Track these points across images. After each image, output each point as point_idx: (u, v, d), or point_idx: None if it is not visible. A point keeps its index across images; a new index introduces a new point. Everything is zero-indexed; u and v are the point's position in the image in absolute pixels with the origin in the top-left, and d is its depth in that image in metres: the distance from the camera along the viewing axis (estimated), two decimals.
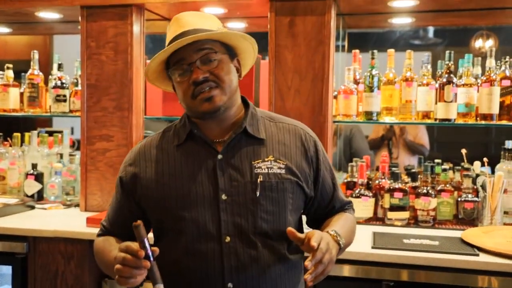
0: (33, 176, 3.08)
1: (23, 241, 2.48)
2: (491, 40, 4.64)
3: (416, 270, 2.13)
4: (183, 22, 1.51)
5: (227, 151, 1.51)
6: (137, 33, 2.82)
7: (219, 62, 1.48)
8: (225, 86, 1.48)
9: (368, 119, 2.68)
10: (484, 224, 2.49)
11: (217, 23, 1.55)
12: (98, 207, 2.86)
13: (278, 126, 1.59)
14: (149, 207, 1.55)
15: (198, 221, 1.47)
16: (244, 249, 1.46)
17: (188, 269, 1.49)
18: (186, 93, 1.48)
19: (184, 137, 1.55)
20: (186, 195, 1.49)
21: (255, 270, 1.46)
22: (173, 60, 1.49)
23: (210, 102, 1.46)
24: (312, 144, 1.59)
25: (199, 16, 1.55)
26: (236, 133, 1.52)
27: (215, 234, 1.46)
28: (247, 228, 1.46)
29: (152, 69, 1.55)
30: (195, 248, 1.47)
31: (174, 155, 1.55)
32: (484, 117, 2.56)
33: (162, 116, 2.96)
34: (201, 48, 1.47)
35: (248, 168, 1.49)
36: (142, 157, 1.58)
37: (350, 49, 3.08)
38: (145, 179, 1.55)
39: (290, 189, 1.51)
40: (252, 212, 1.47)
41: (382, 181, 2.68)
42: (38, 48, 3.30)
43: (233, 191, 1.48)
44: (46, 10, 3.04)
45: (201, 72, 1.45)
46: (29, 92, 3.16)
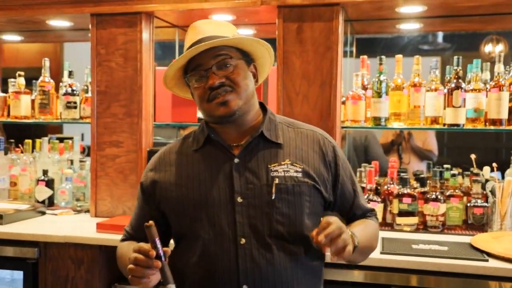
0: (44, 182, 3.11)
1: (34, 247, 2.51)
2: (501, 44, 4.62)
3: (425, 275, 2.12)
4: (199, 30, 1.55)
5: (244, 155, 1.53)
6: (146, 40, 2.85)
7: (235, 68, 1.51)
8: (240, 91, 1.51)
9: (377, 125, 2.68)
10: (494, 230, 2.47)
11: (232, 30, 1.58)
12: (108, 213, 2.88)
13: (296, 131, 1.61)
14: (168, 209, 1.59)
15: (214, 223, 1.50)
16: (259, 251, 1.47)
17: (204, 270, 1.51)
18: (203, 98, 1.51)
19: (202, 141, 1.59)
20: (203, 197, 1.52)
21: (270, 273, 1.47)
22: (190, 66, 1.53)
23: (226, 106, 1.49)
24: (331, 149, 1.60)
25: (215, 23, 1.58)
26: (253, 137, 1.54)
27: (230, 236, 1.48)
28: (263, 230, 1.48)
29: (170, 76, 1.59)
30: (211, 249, 1.50)
31: (192, 159, 1.58)
32: (493, 122, 2.55)
33: (171, 122, 2.98)
34: (217, 54, 1.50)
35: (265, 171, 1.51)
36: (162, 162, 1.63)
37: (358, 55, 3.09)
38: (164, 182, 1.59)
39: (307, 192, 1.52)
40: (267, 215, 1.48)
41: (391, 186, 2.68)
42: (49, 56, 3.35)
43: (249, 194, 1.50)
44: (56, 18, 3.08)
45: (217, 77, 1.49)
46: (40, 99, 3.19)
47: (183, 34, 3.52)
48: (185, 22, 3.30)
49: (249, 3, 2.65)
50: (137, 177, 2.84)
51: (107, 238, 2.47)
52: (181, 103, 2.89)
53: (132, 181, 2.85)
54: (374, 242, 1.66)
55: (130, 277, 1.37)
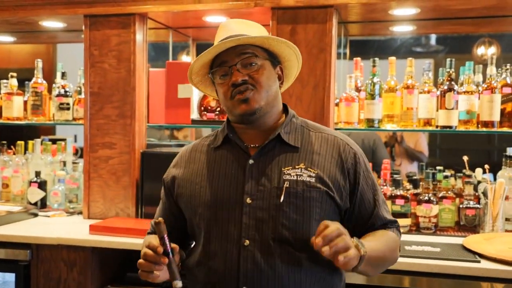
0: (36, 183, 3.09)
1: (26, 249, 2.50)
2: (493, 47, 4.65)
3: (418, 276, 2.13)
4: (228, 29, 1.55)
5: (259, 156, 1.53)
6: (139, 42, 2.84)
7: (260, 67, 1.51)
8: (262, 91, 1.50)
9: (370, 127, 2.69)
10: (486, 231, 2.49)
11: (262, 31, 1.59)
12: (101, 215, 2.87)
13: (317, 135, 1.58)
14: (183, 206, 1.61)
15: (221, 222, 1.51)
16: (262, 254, 1.46)
17: (206, 268, 1.52)
18: (226, 95, 1.51)
19: (221, 140, 1.59)
20: (213, 196, 1.53)
21: (271, 277, 1.46)
22: (216, 63, 1.54)
23: (247, 104, 1.48)
24: (351, 156, 1.55)
25: (244, 23, 1.59)
26: (270, 139, 1.53)
27: (235, 237, 1.48)
28: (267, 233, 1.46)
29: (195, 71, 1.59)
30: (216, 249, 1.50)
31: (209, 156, 1.60)
32: (485, 124, 2.57)
33: (164, 124, 2.98)
34: (243, 52, 1.50)
35: (277, 174, 1.50)
36: (183, 159, 1.66)
37: (352, 57, 3.10)
38: (182, 179, 1.62)
39: (318, 198, 1.49)
40: (274, 218, 1.47)
41: (384, 188, 2.69)
42: (41, 57, 3.33)
43: (258, 195, 1.49)
44: (49, 19, 3.07)
45: (240, 75, 1.48)
46: (32, 100, 3.18)
47: (176, 35, 3.52)
48: (178, 24, 3.30)
49: (242, 5, 2.65)
50: (130, 179, 2.84)
51: (99, 240, 2.46)
52: (174, 104, 2.89)
53: (125, 182, 2.84)
54: (391, 253, 1.58)
55: (140, 271, 1.43)
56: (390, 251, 1.58)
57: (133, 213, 2.84)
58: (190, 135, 4.10)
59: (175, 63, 2.98)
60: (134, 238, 2.42)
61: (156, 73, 2.96)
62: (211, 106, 2.85)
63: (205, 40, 3.77)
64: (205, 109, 2.86)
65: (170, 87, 2.90)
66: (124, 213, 2.85)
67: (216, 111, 2.84)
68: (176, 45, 3.74)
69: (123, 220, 2.73)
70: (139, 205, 2.83)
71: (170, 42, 3.49)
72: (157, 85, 2.95)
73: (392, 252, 1.59)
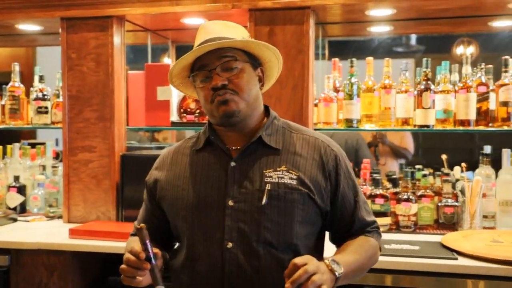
0: (15, 188, 3.06)
1: (6, 254, 2.47)
2: (471, 46, 4.70)
3: (400, 275, 2.14)
4: (208, 30, 1.54)
5: (241, 159, 1.52)
6: (118, 44, 2.83)
7: (240, 71, 1.50)
8: (243, 95, 1.49)
9: (349, 127, 2.71)
10: (464, 228, 2.52)
11: (242, 32, 1.57)
12: (81, 219, 2.85)
13: (298, 137, 1.57)
14: (165, 208, 1.61)
15: (203, 225, 1.50)
16: (246, 257, 1.46)
17: (190, 271, 1.52)
18: (206, 98, 1.50)
19: (203, 143, 1.59)
20: (196, 199, 1.52)
21: (256, 279, 1.46)
22: (196, 65, 1.53)
23: (226, 105, 1.47)
24: (332, 158, 1.55)
25: (224, 25, 1.57)
26: (251, 142, 1.53)
27: (218, 239, 1.48)
28: (250, 235, 1.46)
29: (175, 74, 1.58)
30: (199, 251, 1.50)
31: (191, 159, 1.59)
32: (461, 123, 2.60)
33: (144, 126, 2.97)
34: (223, 55, 1.49)
35: (259, 176, 1.50)
36: (165, 161, 1.65)
37: (331, 57, 3.12)
38: (164, 181, 1.61)
39: (299, 200, 1.48)
40: (256, 221, 1.47)
41: (364, 187, 2.71)
42: (21, 60, 3.30)
43: (240, 198, 1.49)
44: (26, 22, 3.05)
45: (220, 79, 1.47)
46: (10, 104, 3.15)
47: (155, 37, 3.51)
48: (157, 26, 3.29)
49: (220, 7, 2.65)
50: (110, 182, 2.82)
51: (79, 244, 2.45)
52: (154, 107, 2.88)
53: (106, 186, 2.83)
54: (369, 261, 1.58)
55: (122, 276, 1.42)
56: (369, 258, 1.58)
57: (114, 216, 2.82)
58: (170, 137, 4.09)
59: (154, 65, 2.97)
60: (115, 242, 2.41)
61: (135, 76, 2.95)
62: (191, 108, 2.85)
63: (185, 42, 3.77)
64: (185, 111, 2.86)
65: (149, 89, 2.89)
66: (105, 217, 2.83)
67: (196, 113, 2.84)
68: (156, 47, 3.73)
69: (103, 223, 2.72)
70: (119, 208, 2.82)
71: (149, 44, 3.48)
72: (136, 88, 2.94)
73: (371, 259, 1.60)
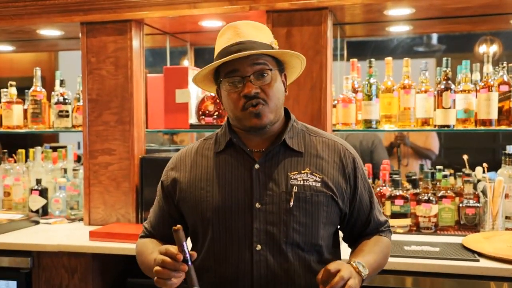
0: (37, 191, 3.11)
1: (28, 256, 2.51)
2: (495, 45, 4.63)
3: (419, 277, 2.12)
4: (239, 31, 1.53)
5: (264, 161, 1.53)
6: (136, 48, 2.86)
7: (271, 79, 1.51)
8: (272, 105, 1.50)
9: (367, 127, 2.69)
10: (486, 230, 2.48)
11: (269, 36, 1.58)
12: (101, 221, 2.88)
13: (318, 140, 1.60)
14: (186, 211, 1.60)
15: (231, 228, 1.51)
16: (275, 258, 1.47)
17: (219, 275, 1.52)
18: (236, 105, 1.50)
19: (224, 145, 1.59)
20: (221, 201, 1.52)
21: (285, 280, 1.47)
22: (225, 69, 1.51)
23: (259, 119, 1.49)
24: (351, 161, 1.58)
25: (255, 27, 1.56)
26: (275, 145, 1.54)
27: (246, 242, 1.49)
28: (279, 237, 1.48)
29: (203, 74, 1.57)
30: (227, 254, 1.50)
31: (213, 161, 1.59)
32: (483, 123, 2.56)
33: (163, 129, 2.99)
34: (256, 62, 1.49)
35: (284, 179, 1.51)
36: (183, 162, 1.64)
37: (349, 58, 3.10)
38: (184, 183, 1.59)
39: (324, 202, 1.51)
40: (285, 222, 1.48)
41: (383, 188, 2.68)
42: (43, 65, 3.36)
43: (267, 200, 1.50)
44: (46, 27, 3.10)
45: (253, 87, 1.48)
46: (32, 108, 3.20)
47: (173, 40, 3.53)
48: (175, 29, 3.31)
49: (237, 9, 2.66)
50: (129, 185, 2.85)
51: (100, 246, 2.47)
52: (173, 109, 2.90)
53: (125, 188, 2.85)
54: (385, 260, 1.64)
55: (156, 278, 1.39)
56: (384, 257, 1.63)
57: (134, 218, 2.84)
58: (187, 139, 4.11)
59: (172, 68, 2.99)
60: (134, 244, 2.41)
61: (154, 79, 2.98)
62: (209, 111, 2.86)
63: (203, 44, 3.78)
64: (203, 114, 2.87)
65: (168, 92, 2.91)
66: (124, 219, 2.85)
67: (214, 115, 2.85)
68: (174, 50, 3.75)
69: (123, 225, 2.74)
70: (139, 210, 2.84)
71: (167, 47, 3.50)
72: (155, 91, 2.96)
73: (386, 257, 1.64)
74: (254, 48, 1.48)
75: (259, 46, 1.49)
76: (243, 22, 1.56)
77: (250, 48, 1.48)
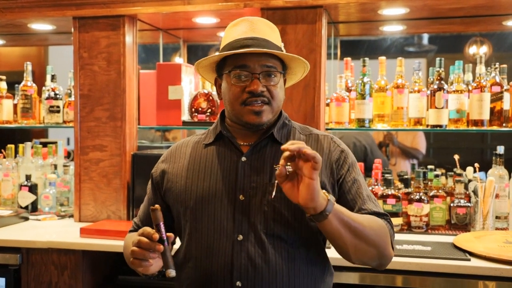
0: (27, 187, 3.08)
1: (17, 253, 2.48)
2: (485, 46, 4.66)
3: (411, 275, 2.13)
4: (255, 27, 1.54)
5: (251, 154, 1.55)
6: (129, 43, 2.83)
7: (278, 80, 1.53)
8: (274, 105, 1.53)
9: (361, 126, 2.69)
10: (477, 229, 2.49)
11: (279, 38, 1.61)
12: (92, 218, 2.85)
13: (308, 136, 1.62)
14: (171, 201, 1.61)
15: (214, 218, 1.51)
16: (256, 249, 1.47)
17: (200, 263, 1.52)
18: (237, 98, 1.52)
19: (214, 137, 1.61)
20: (205, 192, 1.54)
21: (266, 272, 1.47)
22: (234, 61, 1.52)
23: (258, 116, 1.51)
24: (337, 153, 1.58)
25: (269, 26, 1.58)
26: (262, 138, 1.56)
27: (228, 232, 1.49)
28: (260, 228, 1.48)
29: (210, 60, 1.57)
30: (209, 243, 1.51)
31: (201, 153, 1.61)
32: (475, 123, 2.58)
33: (156, 126, 2.97)
34: (266, 64, 1.51)
35: (269, 171, 1.52)
36: (173, 154, 1.66)
37: (343, 57, 3.10)
38: (172, 173, 1.62)
39: None
40: (266, 214, 1.49)
41: (375, 187, 2.69)
42: (33, 59, 3.32)
43: (250, 193, 1.51)
44: (38, 21, 3.06)
45: (260, 85, 1.50)
46: (22, 103, 3.17)
47: (166, 37, 3.51)
48: (168, 25, 3.29)
49: (232, 6, 2.65)
50: (121, 181, 2.83)
51: (90, 243, 2.45)
52: (165, 106, 2.88)
53: (116, 185, 2.83)
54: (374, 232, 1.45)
55: (132, 259, 1.40)
56: (372, 229, 1.46)
57: (125, 215, 2.83)
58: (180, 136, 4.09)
59: (165, 65, 2.97)
60: None
61: (147, 75, 2.96)
62: (202, 108, 2.84)
63: (196, 41, 3.77)
64: (196, 111, 2.85)
65: (160, 88, 2.89)
66: (115, 216, 2.83)
67: (207, 112, 2.84)
68: (167, 46, 3.73)
69: (114, 222, 2.72)
70: (130, 207, 2.82)
71: (161, 43, 3.48)
72: (147, 87, 2.94)
73: (378, 234, 1.47)
74: (268, 47, 1.50)
75: (272, 46, 1.52)
76: (258, 18, 1.59)
77: (264, 46, 1.50)
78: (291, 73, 1.65)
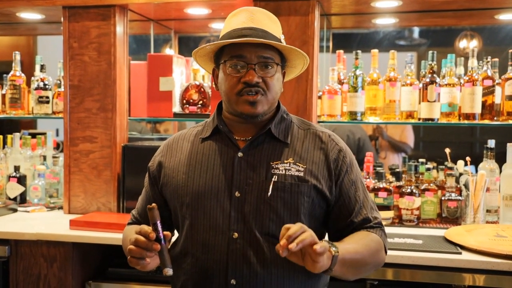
0: (15, 178, 3.04)
1: (5, 245, 2.45)
2: (475, 40, 4.67)
3: (401, 269, 2.13)
4: (254, 17, 1.52)
5: (248, 150, 1.53)
6: (120, 34, 2.80)
7: (274, 72, 1.51)
8: (269, 96, 1.51)
9: (353, 119, 2.68)
10: (467, 223, 2.50)
11: (280, 29, 1.58)
12: (82, 209, 2.83)
13: (306, 132, 1.59)
14: (167, 196, 1.60)
15: (209, 214, 1.50)
16: (251, 247, 1.46)
17: (197, 260, 1.51)
18: (233, 88, 1.50)
19: (210, 131, 1.59)
20: (202, 187, 1.52)
21: (260, 269, 1.46)
22: (231, 51, 1.50)
23: (253, 107, 1.49)
24: (335, 152, 1.55)
25: (269, 17, 1.56)
26: (260, 133, 1.54)
27: (223, 229, 1.48)
28: (255, 227, 1.47)
29: (208, 49, 1.55)
30: (205, 240, 1.49)
31: (197, 147, 1.59)
32: (466, 117, 2.58)
33: (146, 117, 2.94)
34: (264, 55, 1.48)
35: (265, 168, 1.50)
36: (170, 147, 1.64)
37: (335, 50, 3.09)
38: (168, 167, 1.60)
39: (306, 192, 1.49)
40: (261, 212, 1.47)
41: (367, 180, 2.69)
42: (21, 49, 3.27)
43: (246, 189, 1.49)
44: (27, 10, 3.01)
45: (256, 76, 1.47)
46: (11, 93, 3.12)
47: (157, 27, 3.48)
48: (160, 16, 3.26)
49: None
50: (111, 173, 2.80)
51: (80, 235, 2.42)
52: (156, 97, 2.85)
53: (106, 177, 2.81)
54: (372, 256, 1.50)
55: (129, 257, 1.39)
56: (371, 253, 1.49)
57: (115, 207, 2.80)
58: (171, 128, 4.07)
59: (156, 56, 2.94)
60: (115, 233, 2.39)
61: (138, 66, 2.92)
62: (193, 99, 2.82)
63: (187, 32, 3.74)
64: (187, 102, 2.83)
65: (151, 80, 2.86)
66: (105, 208, 2.81)
67: (198, 104, 2.81)
68: (158, 37, 3.70)
69: (104, 214, 2.70)
70: (121, 199, 2.80)
71: (152, 34, 3.45)
72: (138, 78, 2.91)
73: (374, 254, 1.51)
74: (266, 37, 1.48)
75: (270, 37, 1.50)
76: (259, 9, 1.57)
77: (262, 36, 1.48)
78: (290, 66, 1.63)
